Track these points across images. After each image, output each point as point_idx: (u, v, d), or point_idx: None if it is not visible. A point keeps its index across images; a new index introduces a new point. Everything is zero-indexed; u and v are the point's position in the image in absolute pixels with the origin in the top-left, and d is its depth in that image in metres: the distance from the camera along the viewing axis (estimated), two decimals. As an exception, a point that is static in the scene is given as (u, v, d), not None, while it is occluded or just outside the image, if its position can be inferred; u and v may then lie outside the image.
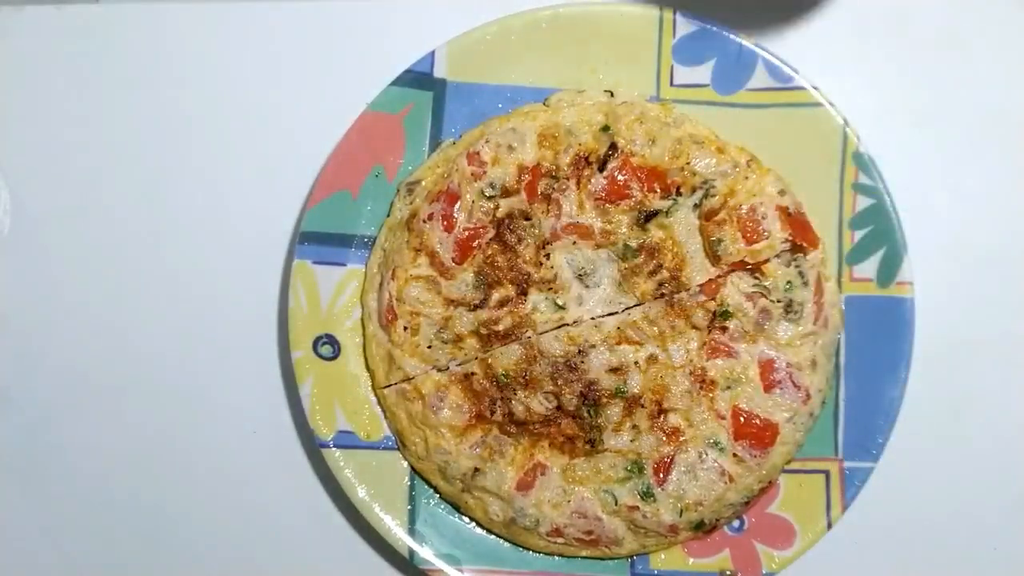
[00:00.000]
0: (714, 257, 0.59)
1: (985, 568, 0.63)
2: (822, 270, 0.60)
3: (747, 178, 0.59)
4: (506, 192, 0.60)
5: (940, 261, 0.63)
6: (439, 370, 0.60)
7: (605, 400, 0.59)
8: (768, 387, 0.59)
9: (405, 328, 0.60)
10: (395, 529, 0.60)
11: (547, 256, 0.60)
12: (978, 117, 0.65)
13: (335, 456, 0.60)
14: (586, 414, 0.59)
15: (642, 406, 0.59)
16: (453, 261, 0.60)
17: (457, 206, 0.60)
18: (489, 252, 0.60)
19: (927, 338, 0.60)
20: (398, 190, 0.62)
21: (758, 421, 0.59)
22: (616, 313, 0.59)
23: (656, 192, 0.60)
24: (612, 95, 0.61)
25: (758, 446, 0.59)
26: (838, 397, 0.61)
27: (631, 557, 0.61)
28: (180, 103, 0.66)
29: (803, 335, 0.59)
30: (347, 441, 0.61)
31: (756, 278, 0.60)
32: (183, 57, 0.66)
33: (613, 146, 0.60)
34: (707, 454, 0.59)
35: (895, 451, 0.60)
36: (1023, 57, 0.65)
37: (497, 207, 0.60)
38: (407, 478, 0.61)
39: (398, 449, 0.62)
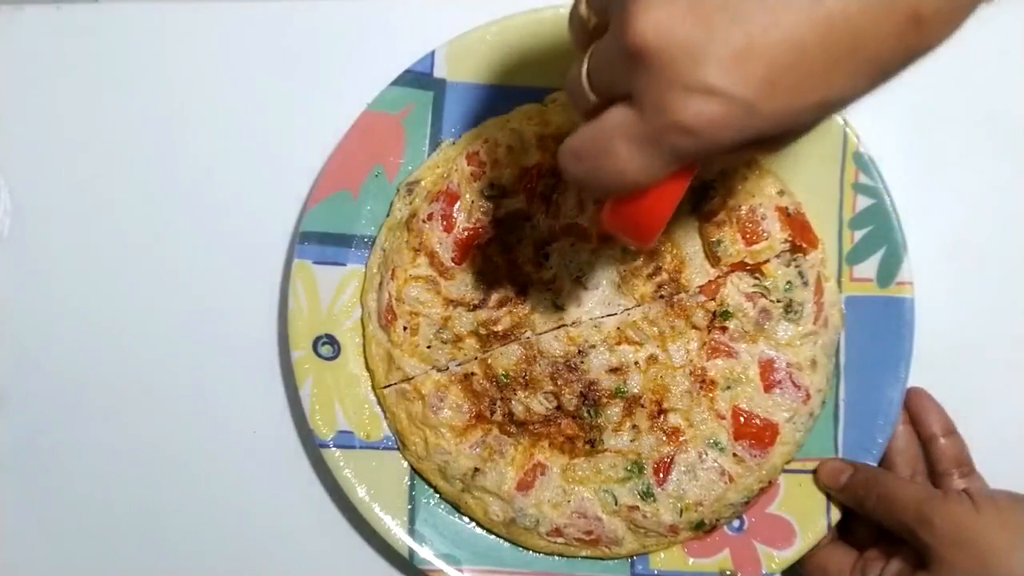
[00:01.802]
0: (714, 258, 0.59)
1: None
2: (822, 270, 0.60)
3: (746, 178, 0.59)
4: (505, 192, 0.60)
5: (940, 261, 0.63)
6: (439, 370, 0.60)
7: (605, 400, 0.59)
8: (768, 387, 0.59)
9: (404, 328, 0.60)
10: (395, 529, 0.60)
11: (546, 257, 0.60)
12: (979, 117, 0.64)
13: (335, 456, 0.60)
14: (586, 414, 0.59)
15: (642, 406, 0.59)
16: (452, 261, 0.60)
17: (456, 206, 0.60)
18: (488, 252, 0.60)
19: (927, 338, 0.60)
20: (398, 190, 0.62)
21: (758, 421, 0.59)
22: (615, 314, 0.59)
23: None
24: (611, 94, 0.61)
25: (758, 446, 0.59)
26: (838, 397, 0.61)
27: (631, 557, 0.61)
28: (180, 103, 0.66)
29: (803, 335, 0.59)
30: (347, 441, 0.61)
31: (756, 278, 0.59)
32: (183, 57, 0.66)
33: (613, 146, 0.59)
34: (707, 454, 0.59)
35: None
36: (1024, 57, 0.65)
37: (496, 207, 0.60)
38: (407, 478, 0.61)
39: (398, 449, 0.62)
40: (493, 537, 0.61)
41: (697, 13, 0.30)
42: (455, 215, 0.60)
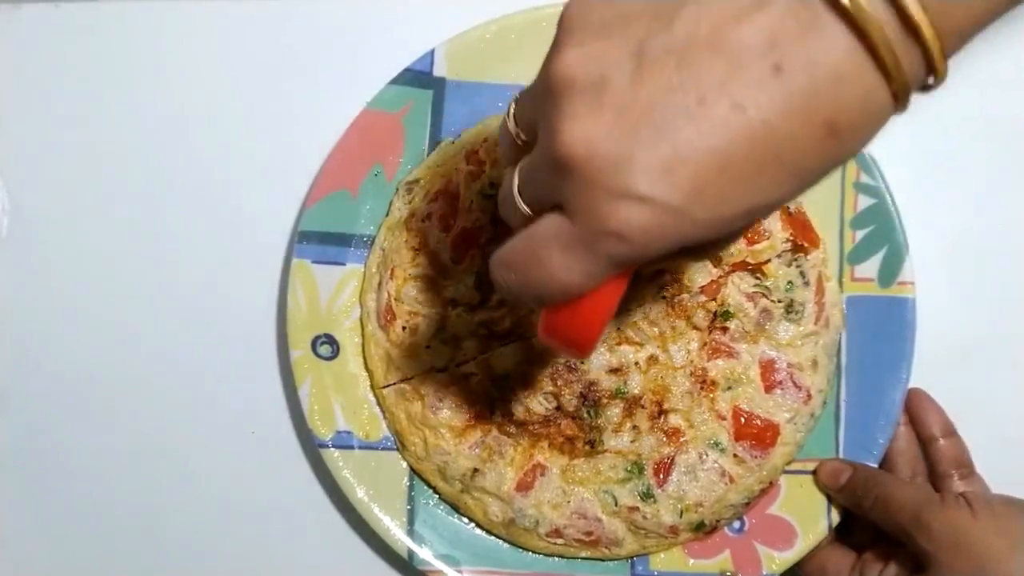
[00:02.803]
0: (715, 258, 0.59)
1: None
2: (823, 270, 0.60)
3: (748, 177, 0.59)
4: (505, 192, 0.59)
5: (942, 261, 0.63)
6: (438, 370, 0.60)
7: (605, 401, 0.58)
8: (769, 387, 0.59)
9: (404, 328, 0.60)
10: (394, 530, 0.60)
11: (546, 256, 0.59)
12: (981, 117, 0.64)
13: (334, 456, 0.60)
14: (586, 415, 0.58)
15: (642, 407, 0.59)
16: (452, 261, 0.59)
17: (456, 206, 0.59)
18: (488, 252, 0.59)
19: (928, 338, 0.60)
20: (397, 189, 0.62)
21: (759, 422, 0.59)
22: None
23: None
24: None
25: (759, 447, 0.59)
26: (839, 397, 0.60)
27: (631, 558, 0.60)
28: (179, 101, 0.66)
29: (804, 335, 0.59)
30: (346, 441, 0.60)
31: (757, 278, 0.59)
32: (182, 55, 0.66)
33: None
34: (707, 455, 0.59)
35: (896, 452, 0.59)
36: (1026, 55, 0.65)
37: (496, 207, 0.59)
38: (406, 479, 0.61)
39: (397, 450, 0.61)
40: (492, 538, 0.61)
41: (623, 125, 0.30)
42: (454, 215, 0.59)
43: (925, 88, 0.31)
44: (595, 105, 0.31)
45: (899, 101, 0.31)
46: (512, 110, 0.38)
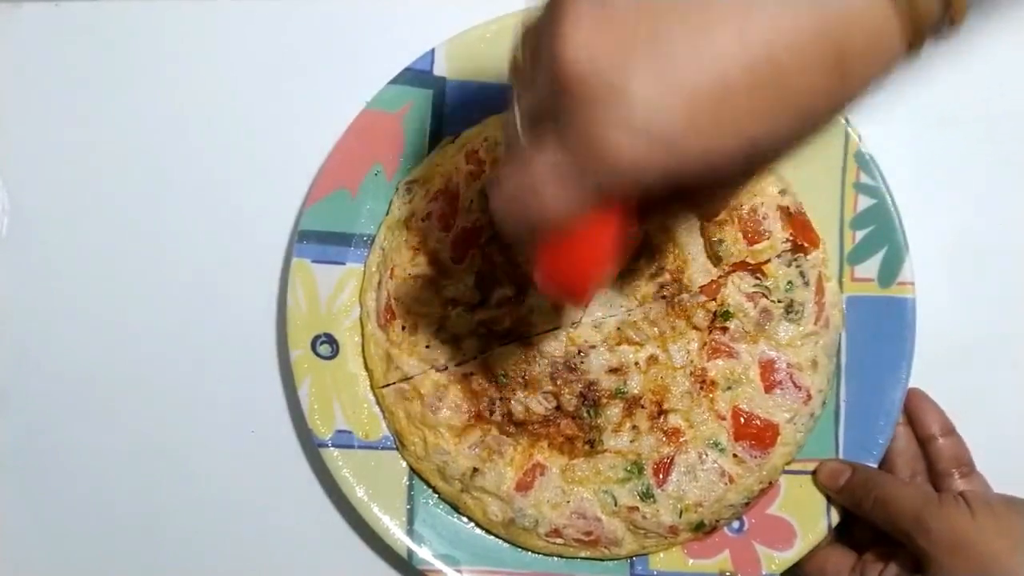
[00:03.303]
0: (715, 258, 0.59)
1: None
2: (823, 270, 0.60)
3: (748, 177, 0.59)
4: (505, 191, 0.59)
5: (942, 261, 0.63)
6: (438, 370, 0.60)
7: (605, 401, 0.58)
8: (769, 387, 0.59)
9: (403, 328, 0.60)
10: (394, 529, 0.60)
11: (546, 256, 0.59)
12: (980, 117, 0.64)
13: (333, 456, 0.60)
14: (586, 415, 0.58)
15: (642, 407, 0.59)
16: (452, 260, 0.59)
17: (456, 205, 0.59)
18: (488, 251, 0.59)
19: (928, 338, 0.59)
20: (397, 189, 0.62)
21: (758, 422, 0.59)
22: (616, 315, 0.59)
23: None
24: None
25: (758, 447, 0.59)
26: (839, 397, 0.60)
27: (630, 558, 0.60)
28: (179, 101, 0.66)
29: (804, 335, 0.59)
30: (346, 441, 0.60)
31: (757, 278, 0.59)
32: (182, 55, 0.66)
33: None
34: (707, 455, 0.59)
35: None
36: (1026, 56, 0.65)
37: (496, 207, 0.59)
38: (406, 478, 0.61)
39: (397, 449, 0.61)
40: (492, 538, 0.61)
41: (623, 48, 0.30)
42: (454, 214, 0.59)
43: (943, 31, 0.30)
44: (597, 24, 0.30)
45: (911, 43, 0.30)
46: (519, 35, 0.38)
